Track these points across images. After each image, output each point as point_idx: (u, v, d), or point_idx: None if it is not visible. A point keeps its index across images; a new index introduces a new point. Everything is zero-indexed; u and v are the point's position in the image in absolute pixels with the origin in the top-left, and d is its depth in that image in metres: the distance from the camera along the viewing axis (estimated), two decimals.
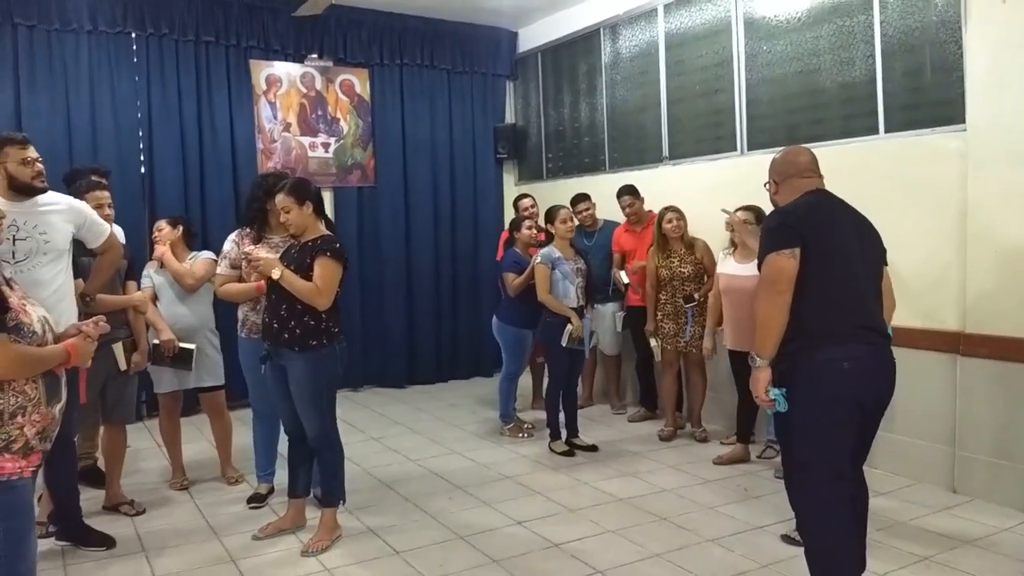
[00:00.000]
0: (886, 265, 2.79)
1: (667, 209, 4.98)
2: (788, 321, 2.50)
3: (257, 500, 3.94)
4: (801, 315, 2.50)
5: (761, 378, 2.57)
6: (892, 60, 4.25)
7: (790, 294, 2.48)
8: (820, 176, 2.79)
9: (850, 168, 4.11)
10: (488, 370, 7.09)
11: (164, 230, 4.21)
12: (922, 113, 4.15)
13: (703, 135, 5.50)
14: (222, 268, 3.83)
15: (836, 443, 2.52)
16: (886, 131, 4.28)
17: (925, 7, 4.09)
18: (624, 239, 5.54)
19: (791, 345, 2.53)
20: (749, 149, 5.13)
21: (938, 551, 3.27)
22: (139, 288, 4.00)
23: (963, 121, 3.89)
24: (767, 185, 2.93)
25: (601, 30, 6.31)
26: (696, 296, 4.88)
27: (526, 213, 5.62)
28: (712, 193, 5.24)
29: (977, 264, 3.84)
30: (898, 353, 4.32)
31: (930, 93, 4.11)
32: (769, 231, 2.60)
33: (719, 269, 4.61)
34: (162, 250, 4.13)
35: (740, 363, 4.39)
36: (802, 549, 3.23)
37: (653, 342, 5.05)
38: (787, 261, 2.48)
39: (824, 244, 2.52)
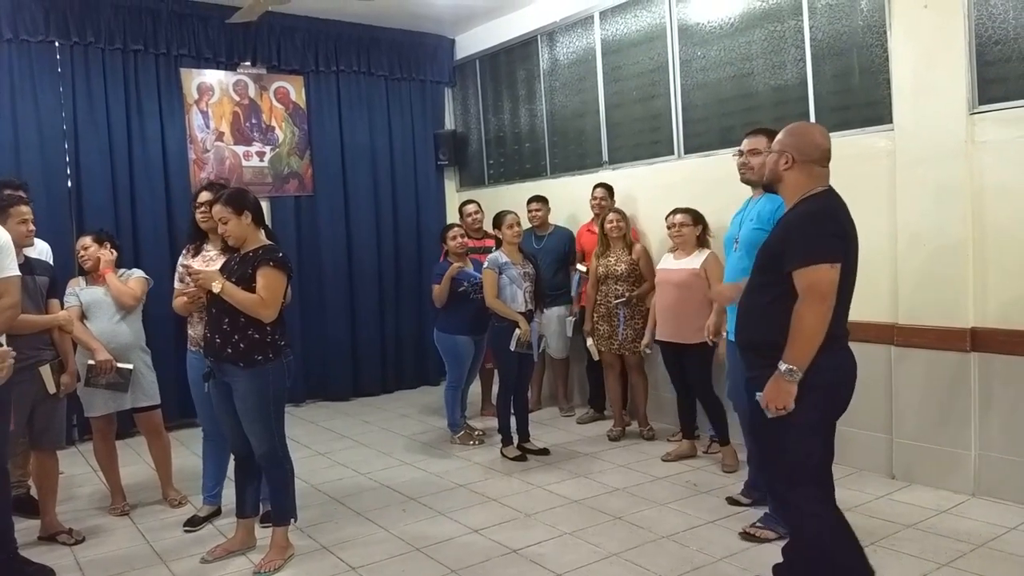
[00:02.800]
0: None
1: (611, 210, 5.10)
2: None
3: (192, 524, 3.80)
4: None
5: (788, 391, 2.44)
6: (822, 63, 4.40)
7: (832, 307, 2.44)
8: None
9: None
10: (435, 379, 7.04)
11: (91, 247, 4.03)
12: (851, 114, 4.31)
13: (641, 140, 5.59)
14: (176, 283, 3.77)
15: (828, 444, 2.58)
16: None
17: (852, 12, 4.24)
18: (585, 238, 5.61)
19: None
20: (686, 152, 5.23)
21: (882, 536, 3.38)
22: (63, 307, 3.82)
23: (891, 121, 4.05)
24: (765, 156, 2.76)
25: (539, 37, 6.35)
26: (627, 294, 4.95)
27: (469, 219, 5.64)
28: (651, 196, 5.35)
29: (907, 257, 4.00)
30: None
31: (858, 95, 4.27)
32: (820, 236, 2.44)
33: (659, 265, 4.71)
34: (109, 274, 3.96)
35: (671, 355, 4.54)
36: (755, 544, 3.34)
37: (589, 342, 5.12)
38: (836, 275, 2.42)
39: (849, 247, 2.51)
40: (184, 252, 3.79)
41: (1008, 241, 3.67)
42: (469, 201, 5.93)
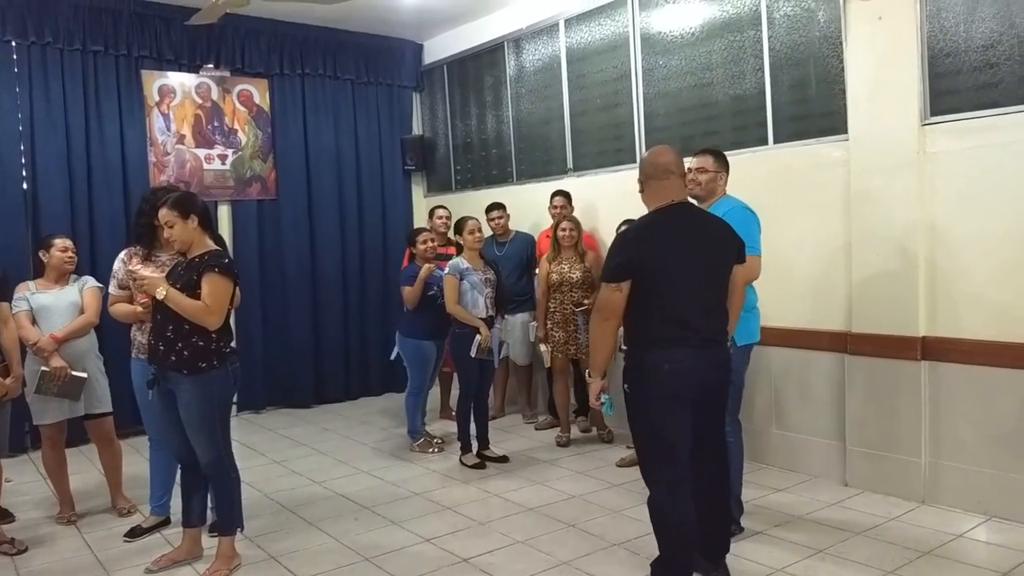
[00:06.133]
0: (741, 262, 2.96)
1: (564, 218, 5.13)
2: (628, 329, 2.84)
3: (133, 534, 3.73)
4: (635, 325, 2.80)
5: (593, 388, 2.91)
6: (779, 74, 4.43)
7: (617, 320, 2.79)
8: (682, 175, 2.90)
9: (742, 177, 4.21)
10: (400, 385, 6.93)
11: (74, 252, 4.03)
12: (808, 124, 4.34)
13: (605, 147, 5.61)
14: (112, 288, 3.67)
15: (665, 430, 2.78)
16: (775, 141, 4.46)
17: (809, 23, 4.28)
18: (544, 244, 5.61)
19: (629, 349, 2.86)
20: None
21: (832, 543, 3.40)
22: (11, 310, 3.74)
23: (845, 131, 4.09)
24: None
25: (505, 44, 6.35)
26: (585, 302, 4.95)
27: (439, 220, 5.67)
28: (615, 203, 5.34)
29: (860, 266, 4.03)
30: (790, 353, 4.52)
31: (815, 105, 4.30)
32: (608, 259, 2.82)
33: None
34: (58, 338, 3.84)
35: None
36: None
37: (543, 347, 5.11)
38: (615, 294, 2.74)
39: (656, 266, 2.74)
40: (125, 256, 3.67)
41: (958, 251, 3.72)
42: (440, 206, 5.91)
